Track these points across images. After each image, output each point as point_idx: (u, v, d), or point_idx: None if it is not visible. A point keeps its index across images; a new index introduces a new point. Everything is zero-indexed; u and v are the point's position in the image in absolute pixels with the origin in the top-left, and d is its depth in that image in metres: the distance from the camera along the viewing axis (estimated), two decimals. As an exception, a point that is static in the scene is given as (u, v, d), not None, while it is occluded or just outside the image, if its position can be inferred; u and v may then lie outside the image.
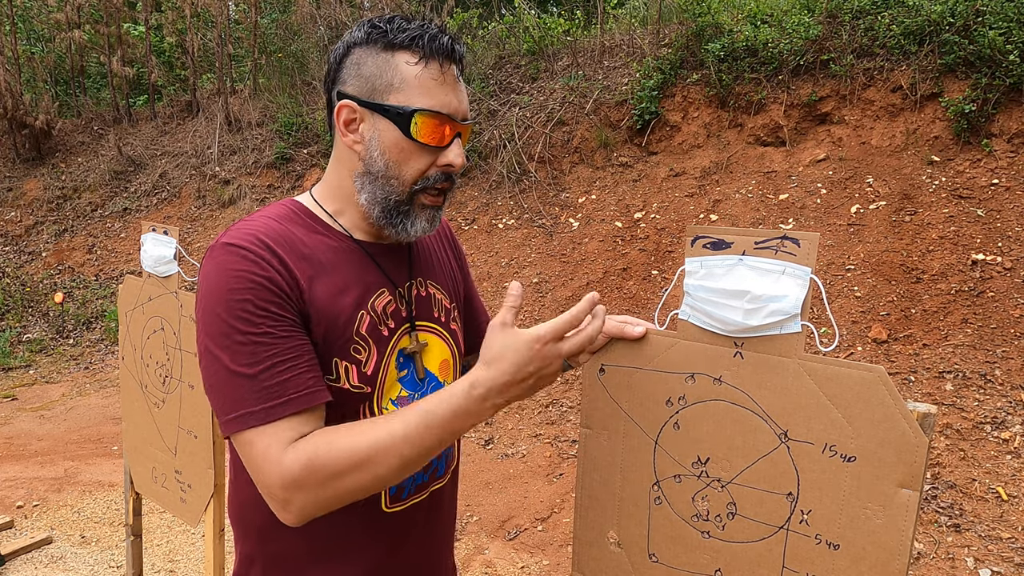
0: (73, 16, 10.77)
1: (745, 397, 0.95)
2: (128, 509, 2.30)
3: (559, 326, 0.82)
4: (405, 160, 0.95)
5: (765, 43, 6.12)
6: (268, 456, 0.84)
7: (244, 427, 0.85)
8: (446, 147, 0.96)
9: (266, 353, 0.86)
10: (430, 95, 0.93)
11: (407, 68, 0.93)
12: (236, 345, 0.85)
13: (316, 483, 0.83)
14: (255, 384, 0.85)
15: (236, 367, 0.85)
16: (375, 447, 0.83)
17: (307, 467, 0.83)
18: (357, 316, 0.97)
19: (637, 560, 1.06)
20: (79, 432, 5.17)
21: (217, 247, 0.91)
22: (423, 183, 0.97)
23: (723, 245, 0.95)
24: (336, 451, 0.83)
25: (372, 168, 0.96)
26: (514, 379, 0.82)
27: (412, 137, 0.94)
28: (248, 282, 0.87)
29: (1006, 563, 2.89)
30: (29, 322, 7.96)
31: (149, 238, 2.06)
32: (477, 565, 3.22)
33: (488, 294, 6.07)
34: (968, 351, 4.03)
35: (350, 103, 0.96)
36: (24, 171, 10.23)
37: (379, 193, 0.97)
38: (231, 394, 0.86)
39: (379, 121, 0.95)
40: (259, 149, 9.22)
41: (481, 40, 8.59)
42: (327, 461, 0.83)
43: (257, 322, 0.86)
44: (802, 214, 5.35)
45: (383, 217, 0.98)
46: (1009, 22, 5.06)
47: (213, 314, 0.87)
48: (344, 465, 0.83)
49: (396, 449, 0.83)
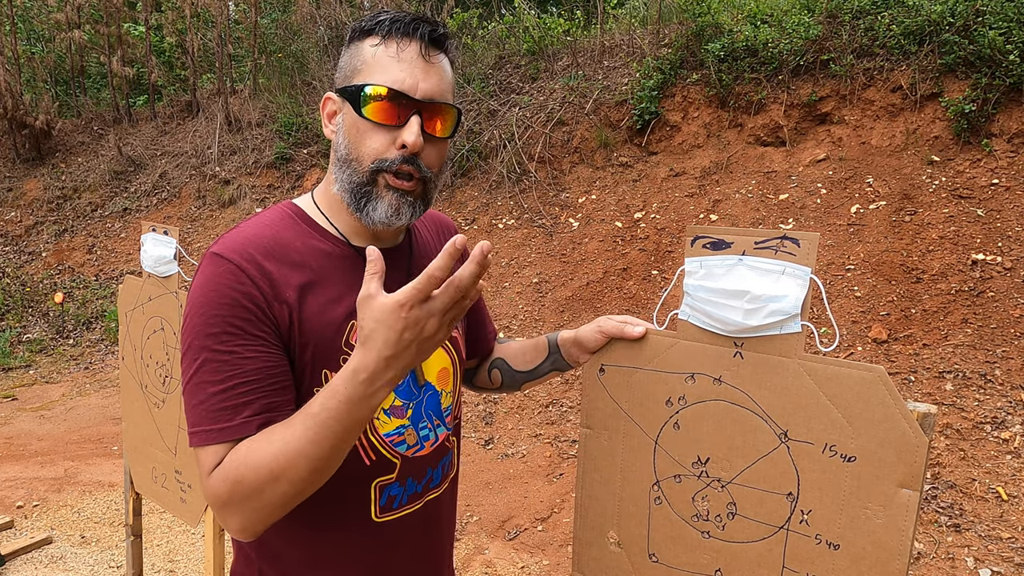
0: (73, 16, 10.77)
1: (745, 397, 0.95)
2: (128, 509, 2.30)
3: (420, 285, 0.75)
4: (361, 140, 0.93)
5: (765, 43, 6.12)
6: (203, 475, 0.86)
7: (197, 444, 0.86)
8: (402, 126, 0.92)
9: (230, 372, 0.86)
10: (383, 72, 0.92)
11: (369, 49, 0.94)
12: (205, 359, 0.86)
13: (241, 499, 0.83)
14: (214, 403, 0.86)
15: (201, 381, 0.86)
16: (282, 456, 0.81)
17: (228, 485, 0.83)
18: (347, 326, 0.95)
19: (637, 560, 1.06)
20: (79, 432, 5.17)
21: (207, 256, 0.91)
22: (379, 163, 0.93)
23: (723, 245, 0.95)
24: (250, 466, 0.82)
25: (339, 153, 0.96)
26: (395, 352, 0.77)
27: (363, 115, 0.92)
28: (226, 297, 0.87)
29: (1006, 563, 2.89)
30: (29, 322, 7.96)
31: (149, 238, 2.05)
32: (477, 565, 3.22)
33: (488, 294, 6.07)
34: (968, 351, 4.03)
35: (331, 95, 0.98)
36: (24, 171, 10.23)
37: (345, 178, 0.95)
38: (194, 407, 0.87)
39: (344, 105, 0.96)
40: (259, 149, 9.22)
41: (481, 40, 8.59)
42: (243, 477, 0.82)
43: (226, 339, 0.86)
44: (802, 214, 5.35)
45: (351, 202, 0.96)
46: (1009, 22, 5.06)
47: (192, 323, 0.88)
48: (260, 480, 0.82)
49: (302, 453, 0.80)
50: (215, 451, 0.85)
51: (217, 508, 0.85)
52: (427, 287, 0.75)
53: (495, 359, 1.28)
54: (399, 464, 1.02)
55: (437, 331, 0.78)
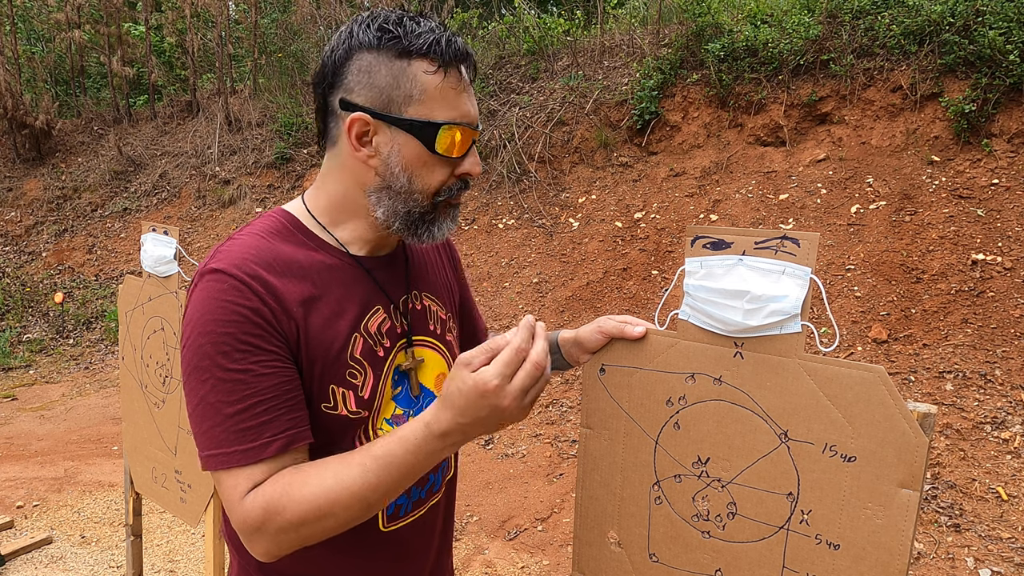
0: (73, 16, 10.77)
1: (745, 397, 0.95)
2: (128, 509, 2.30)
3: (501, 369, 0.78)
4: (428, 173, 0.92)
5: (765, 43, 6.12)
6: (232, 500, 0.84)
7: (219, 467, 0.84)
8: (463, 156, 0.94)
9: (246, 391, 0.83)
10: (451, 107, 0.90)
11: (426, 78, 0.89)
12: (217, 380, 0.83)
13: (276, 530, 0.81)
14: (233, 424, 0.83)
15: (216, 402, 0.83)
16: (334, 495, 0.81)
17: (265, 513, 0.81)
18: (351, 339, 0.94)
19: (637, 560, 1.06)
20: (79, 432, 5.17)
21: (205, 272, 0.87)
22: (446, 194, 0.95)
23: (723, 245, 0.95)
24: (296, 500, 0.81)
25: (394, 184, 0.93)
26: (470, 422, 0.80)
27: (436, 151, 0.91)
28: (233, 313, 0.84)
29: (1006, 563, 2.89)
30: (29, 322, 7.96)
31: (149, 238, 2.05)
32: (477, 565, 3.22)
33: (488, 294, 6.07)
34: (968, 351, 4.03)
35: (363, 116, 0.90)
36: (24, 171, 10.23)
37: (401, 208, 0.94)
38: (209, 430, 0.84)
39: (398, 135, 0.90)
40: (259, 149, 9.22)
41: (481, 40, 8.59)
42: (285, 509, 0.81)
43: (238, 357, 0.83)
44: (802, 214, 5.35)
45: (405, 229, 0.95)
46: (1009, 22, 5.06)
47: (197, 344, 0.84)
48: (304, 514, 0.81)
49: (356, 495, 0.81)
50: (245, 474, 0.83)
51: (247, 532, 0.83)
52: (508, 368, 0.79)
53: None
54: None
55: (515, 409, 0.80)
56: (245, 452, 0.83)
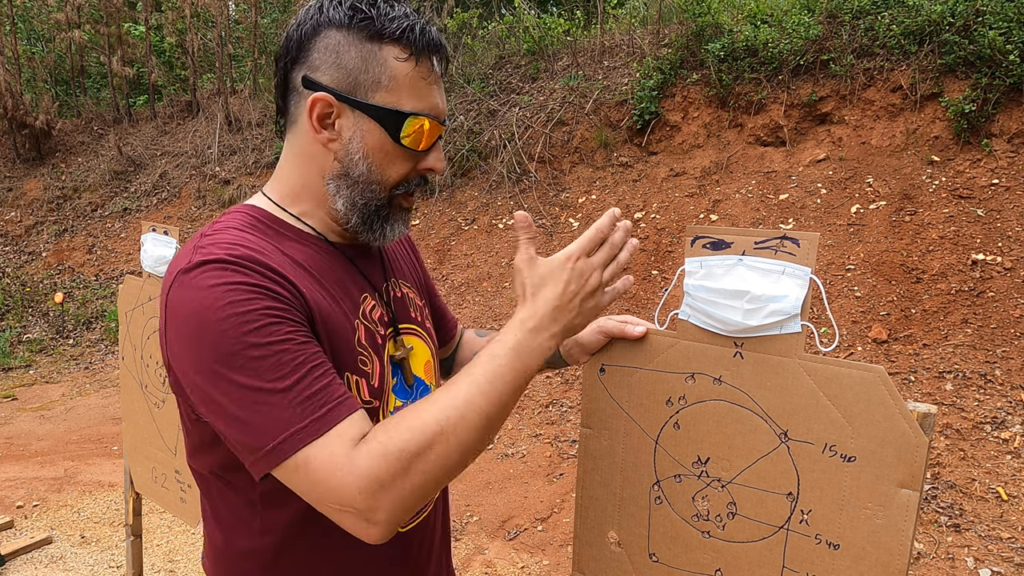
0: (73, 16, 10.77)
1: (745, 397, 0.95)
2: (128, 509, 2.30)
3: (585, 243, 0.84)
4: (389, 164, 0.88)
5: (765, 43, 6.12)
6: (335, 465, 0.71)
7: (297, 447, 0.72)
8: (427, 151, 0.91)
9: (295, 360, 0.74)
10: (420, 97, 0.87)
11: (397, 65, 0.85)
12: (255, 361, 0.73)
13: (399, 473, 0.72)
14: (294, 396, 0.73)
15: (261, 386, 0.72)
16: (451, 410, 0.75)
17: (384, 458, 0.71)
18: (355, 325, 0.90)
19: (637, 560, 1.06)
20: (79, 432, 5.17)
21: (192, 267, 0.77)
22: (404, 187, 0.91)
23: (723, 245, 0.95)
24: (412, 428, 0.73)
25: (352, 171, 0.88)
26: (561, 302, 0.82)
27: (400, 142, 0.87)
28: (246, 292, 0.75)
29: (1006, 563, 2.89)
30: (29, 322, 7.96)
31: (149, 238, 2.05)
32: (477, 565, 3.22)
33: (488, 294, 6.07)
34: (968, 351, 4.03)
35: (327, 96, 0.85)
36: (24, 171, 10.23)
37: (359, 198, 0.89)
38: (266, 417, 0.73)
39: (363, 121, 0.86)
40: (259, 149, 9.22)
41: (481, 40, 8.59)
42: (403, 444, 0.72)
43: (273, 329, 0.74)
44: (802, 214, 5.35)
45: (361, 223, 0.91)
46: (1009, 22, 5.06)
47: (215, 337, 0.73)
48: (427, 440, 0.73)
49: (472, 404, 0.75)
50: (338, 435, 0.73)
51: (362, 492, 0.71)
52: (592, 243, 0.84)
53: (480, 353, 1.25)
54: None
55: (598, 287, 0.84)
56: (324, 416, 0.73)
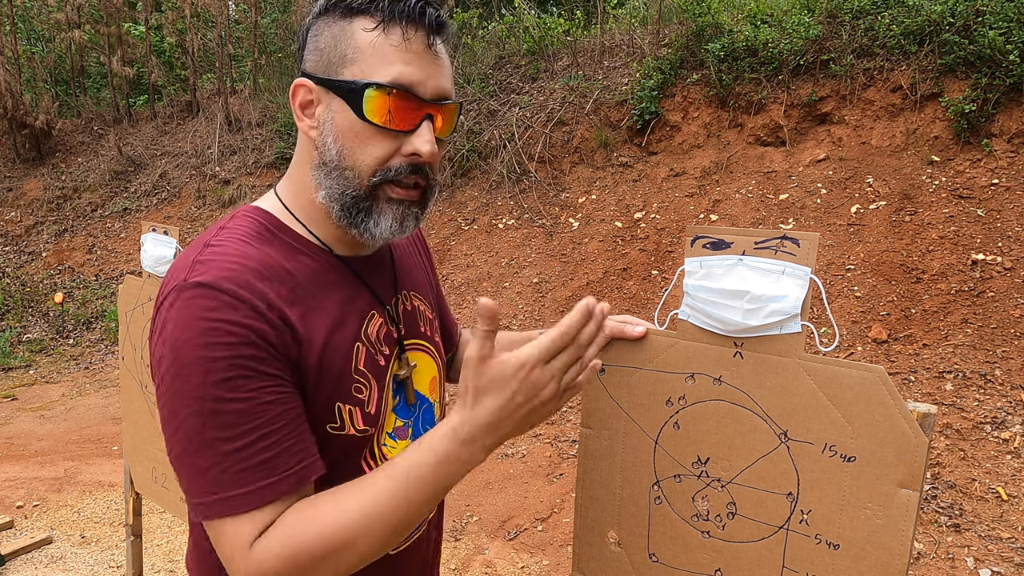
0: (73, 16, 10.77)
1: (745, 397, 0.95)
2: (128, 509, 2.30)
3: (546, 345, 0.69)
4: (360, 146, 0.79)
5: (765, 43, 6.12)
6: (236, 549, 0.72)
7: (219, 515, 0.72)
8: (411, 132, 0.80)
9: (249, 424, 0.71)
10: (387, 66, 0.77)
11: (363, 35, 0.78)
12: (210, 413, 0.71)
13: (299, 573, 0.71)
14: (233, 463, 0.71)
15: (210, 439, 0.71)
16: (359, 519, 0.71)
17: (279, 558, 0.70)
18: (354, 350, 0.84)
19: (637, 560, 1.06)
20: (79, 432, 5.17)
21: (185, 287, 0.73)
22: (383, 174, 0.80)
23: (723, 245, 0.95)
24: (314, 533, 0.71)
25: (326, 157, 0.81)
26: (502, 415, 0.70)
27: (364, 117, 0.78)
28: (226, 335, 0.71)
29: (1006, 563, 2.89)
30: (29, 322, 7.96)
31: (149, 238, 2.05)
32: (477, 565, 3.22)
33: (488, 294, 6.07)
34: (968, 351, 4.03)
35: (305, 82, 0.81)
36: (24, 171, 10.23)
37: (336, 188, 0.81)
38: (203, 472, 0.72)
39: (333, 100, 0.80)
40: (259, 149, 9.22)
41: (481, 40, 8.59)
42: (305, 547, 0.71)
43: (237, 385, 0.71)
44: (802, 214, 5.35)
45: (343, 216, 0.83)
46: (1009, 22, 5.06)
47: (182, 374, 0.71)
48: (329, 548, 0.71)
49: (383, 517, 0.72)
50: (250, 520, 0.72)
51: None
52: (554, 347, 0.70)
53: None
54: None
55: (551, 397, 0.71)
56: (251, 494, 0.72)
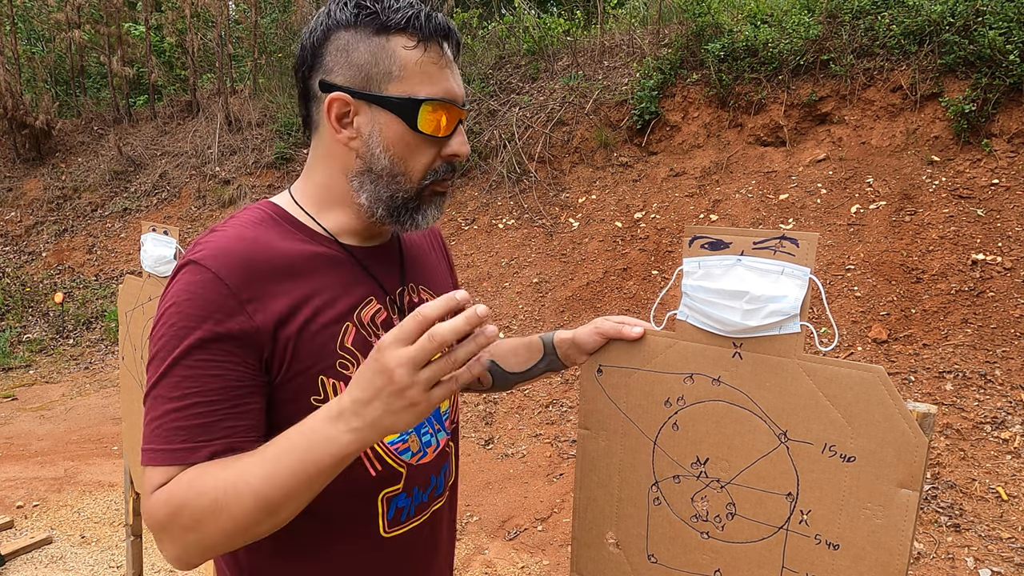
0: (73, 16, 10.77)
1: (744, 397, 0.95)
2: (128, 509, 2.30)
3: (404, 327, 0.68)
4: (411, 155, 0.89)
5: (765, 43, 6.12)
6: (146, 490, 0.79)
7: (147, 463, 0.79)
8: (449, 136, 0.90)
9: (189, 389, 0.79)
10: (433, 82, 0.87)
11: (406, 53, 0.86)
12: (166, 372, 0.79)
13: (180, 528, 0.75)
14: (170, 420, 0.79)
15: (160, 396, 0.79)
16: (230, 487, 0.74)
17: (167, 508, 0.76)
18: (341, 329, 0.89)
19: (636, 561, 1.06)
20: (79, 432, 5.17)
21: (183, 263, 0.84)
22: (432, 176, 0.91)
23: (721, 245, 0.95)
24: (195, 492, 0.75)
25: (375, 166, 0.89)
26: (363, 397, 0.70)
27: (418, 130, 0.87)
28: (199, 307, 0.80)
29: (1006, 563, 2.89)
30: (29, 322, 7.96)
31: (149, 238, 2.05)
32: (477, 565, 3.22)
33: (488, 294, 6.07)
34: (968, 351, 4.03)
35: (343, 95, 0.87)
36: (24, 171, 10.23)
37: (384, 192, 0.90)
38: (149, 423, 0.80)
39: (379, 114, 0.87)
40: (259, 149, 9.22)
41: (481, 40, 8.60)
42: (186, 503, 0.75)
43: (192, 352, 0.79)
44: (802, 214, 5.35)
45: (389, 215, 0.92)
46: (1009, 22, 5.06)
47: (159, 332, 0.81)
48: (202, 509, 0.74)
49: (250, 487, 0.73)
50: (163, 472, 0.78)
51: (154, 531, 0.78)
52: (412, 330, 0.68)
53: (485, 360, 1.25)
54: (405, 473, 0.97)
55: (408, 386, 0.68)
56: (174, 452, 0.78)
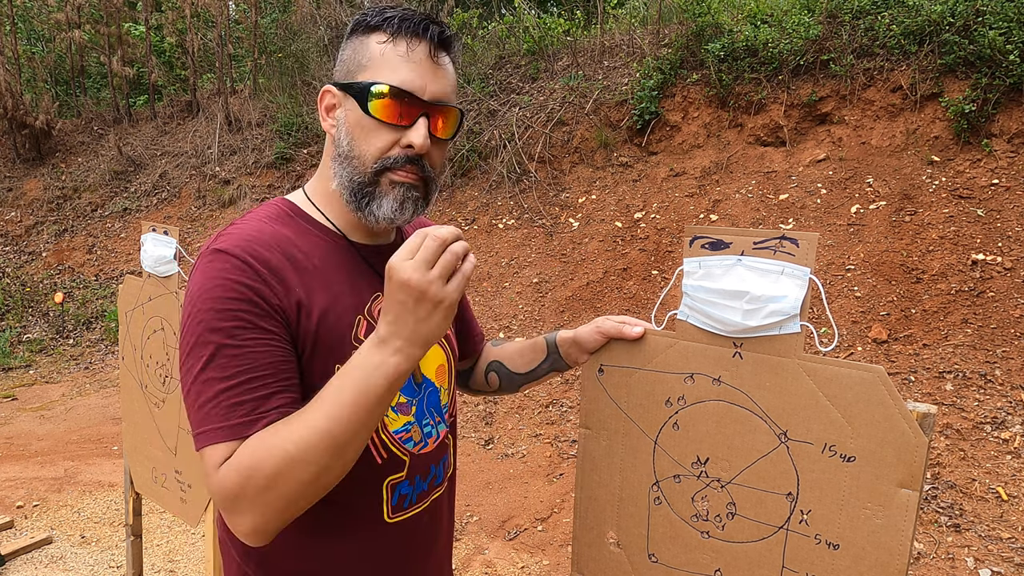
0: (73, 16, 10.77)
1: (744, 397, 0.95)
2: (128, 509, 2.30)
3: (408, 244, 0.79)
4: (365, 137, 0.93)
5: (765, 43, 6.12)
6: (211, 468, 0.81)
7: (206, 443, 0.82)
8: (409, 127, 0.93)
9: (240, 367, 0.83)
10: (393, 71, 0.92)
11: (377, 47, 0.93)
12: (212, 355, 0.83)
13: (255, 491, 0.78)
14: (225, 399, 0.82)
15: (210, 378, 0.83)
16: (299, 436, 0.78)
17: (239, 475, 0.78)
18: (355, 320, 0.95)
19: (637, 560, 1.06)
20: (79, 432, 5.17)
21: (207, 253, 0.89)
22: (383, 162, 0.93)
23: (722, 245, 0.95)
24: (265, 450, 0.79)
25: (340, 149, 0.95)
26: (394, 316, 0.79)
27: (369, 113, 0.92)
28: (232, 291, 0.84)
29: (1006, 563, 2.89)
30: (29, 322, 7.96)
31: (149, 238, 2.06)
32: (477, 565, 3.22)
33: (488, 294, 6.07)
34: (968, 351, 4.03)
35: (330, 88, 0.97)
36: (24, 171, 10.23)
37: (345, 175, 0.95)
38: (201, 406, 0.83)
39: (348, 101, 0.95)
40: (259, 149, 9.22)
41: (481, 40, 8.59)
42: (259, 464, 0.78)
43: (236, 333, 0.83)
44: (802, 214, 5.35)
45: (351, 200, 0.95)
46: (1009, 22, 5.06)
47: (196, 319, 0.84)
48: (276, 464, 0.78)
49: (319, 430, 0.78)
50: (225, 448, 0.81)
51: (228, 504, 0.80)
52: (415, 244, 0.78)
53: (492, 362, 1.28)
54: (408, 462, 1.01)
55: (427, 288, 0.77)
56: (233, 427, 0.81)
